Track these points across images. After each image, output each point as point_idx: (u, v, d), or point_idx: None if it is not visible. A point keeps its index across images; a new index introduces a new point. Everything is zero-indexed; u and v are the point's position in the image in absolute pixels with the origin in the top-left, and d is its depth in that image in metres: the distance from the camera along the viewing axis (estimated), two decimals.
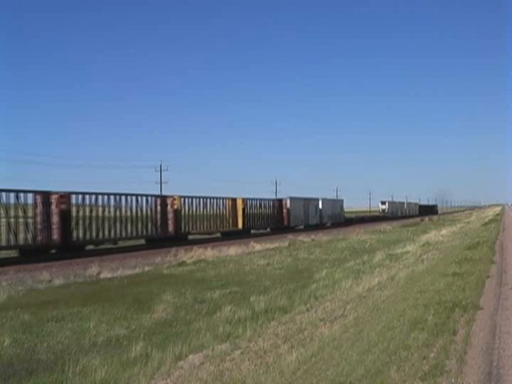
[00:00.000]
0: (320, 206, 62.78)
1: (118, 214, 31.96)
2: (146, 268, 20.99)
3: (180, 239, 35.96)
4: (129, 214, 32.79)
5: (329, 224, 64.73)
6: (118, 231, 31.93)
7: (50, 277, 18.15)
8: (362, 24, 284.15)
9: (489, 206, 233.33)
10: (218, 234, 43.27)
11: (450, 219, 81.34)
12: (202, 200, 40.62)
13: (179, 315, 11.45)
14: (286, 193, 69.66)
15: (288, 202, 53.91)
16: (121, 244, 33.01)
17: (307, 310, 11.17)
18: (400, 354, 6.10)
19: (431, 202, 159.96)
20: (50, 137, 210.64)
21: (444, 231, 39.97)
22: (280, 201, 53.84)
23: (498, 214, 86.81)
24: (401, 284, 13.11)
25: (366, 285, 13.50)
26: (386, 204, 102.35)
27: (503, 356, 6.12)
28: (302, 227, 56.40)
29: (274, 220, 51.47)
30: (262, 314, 10.91)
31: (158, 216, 35.35)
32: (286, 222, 52.95)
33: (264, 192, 64.83)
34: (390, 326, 7.85)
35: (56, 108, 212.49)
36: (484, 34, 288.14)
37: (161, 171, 61.83)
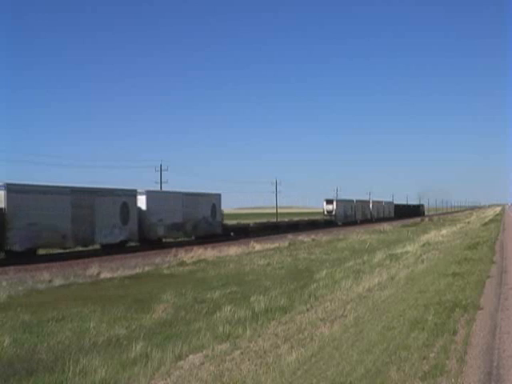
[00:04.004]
0: (143, 207, 33.26)
1: None
2: (146, 268, 21.00)
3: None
4: None
5: (182, 237, 37.11)
6: None
7: (50, 277, 18.14)
8: (362, 24, 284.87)
9: (489, 206, 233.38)
10: None
11: (450, 219, 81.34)
12: None
13: (179, 315, 11.44)
14: (285, 193, 66.54)
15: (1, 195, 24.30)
16: None
17: (307, 309, 11.16)
18: (400, 354, 6.10)
19: (426, 202, 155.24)
20: (50, 137, 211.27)
21: (444, 231, 39.96)
22: None
23: (498, 214, 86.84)
24: (401, 284, 13.11)
25: (366, 285, 13.48)
26: (334, 203, 69.72)
27: (503, 356, 6.12)
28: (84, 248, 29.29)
29: None
30: (262, 314, 10.90)
31: None
32: None
33: (264, 192, 63.35)
34: (390, 326, 7.85)
35: (56, 108, 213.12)
36: (484, 34, 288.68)
37: (161, 171, 61.55)
